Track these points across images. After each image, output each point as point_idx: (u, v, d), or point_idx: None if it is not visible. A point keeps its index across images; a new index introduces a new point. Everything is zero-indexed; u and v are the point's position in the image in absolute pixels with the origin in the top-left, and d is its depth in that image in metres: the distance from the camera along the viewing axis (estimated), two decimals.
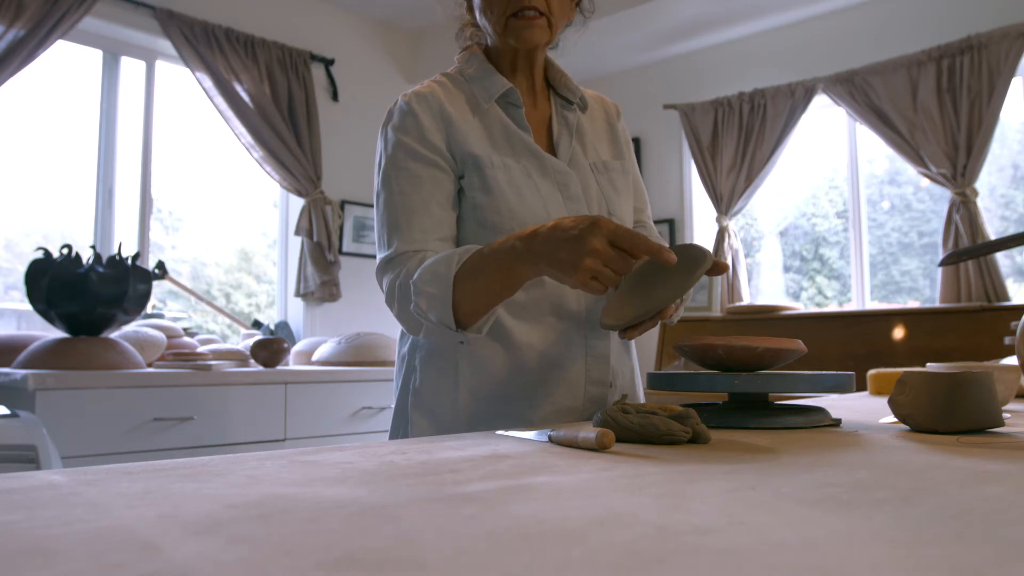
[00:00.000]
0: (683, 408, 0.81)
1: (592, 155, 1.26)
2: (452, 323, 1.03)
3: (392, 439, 1.20)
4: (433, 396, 1.17)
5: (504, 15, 1.16)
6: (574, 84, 1.30)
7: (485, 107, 1.20)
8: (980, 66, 3.26)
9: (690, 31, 3.95)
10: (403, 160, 1.16)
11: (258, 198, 4.07)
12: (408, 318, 1.09)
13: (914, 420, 0.90)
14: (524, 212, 1.15)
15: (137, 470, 0.61)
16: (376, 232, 1.17)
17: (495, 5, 1.17)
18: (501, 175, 1.16)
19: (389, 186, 1.15)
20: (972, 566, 0.35)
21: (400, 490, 0.53)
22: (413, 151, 1.16)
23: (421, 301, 1.04)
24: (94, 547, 0.38)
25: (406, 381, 1.21)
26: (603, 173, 1.25)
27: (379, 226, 1.16)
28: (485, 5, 1.18)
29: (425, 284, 1.03)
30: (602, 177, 1.25)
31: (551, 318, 1.16)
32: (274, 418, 2.69)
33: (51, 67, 3.24)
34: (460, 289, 1.01)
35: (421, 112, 1.17)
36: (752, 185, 3.92)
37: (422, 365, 1.19)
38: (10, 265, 3.31)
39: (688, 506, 0.48)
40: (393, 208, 1.14)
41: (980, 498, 0.51)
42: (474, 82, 1.22)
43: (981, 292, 3.23)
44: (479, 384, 1.15)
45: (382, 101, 4.13)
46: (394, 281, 1.09)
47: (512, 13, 1.15)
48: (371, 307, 3.98)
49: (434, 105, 1.18)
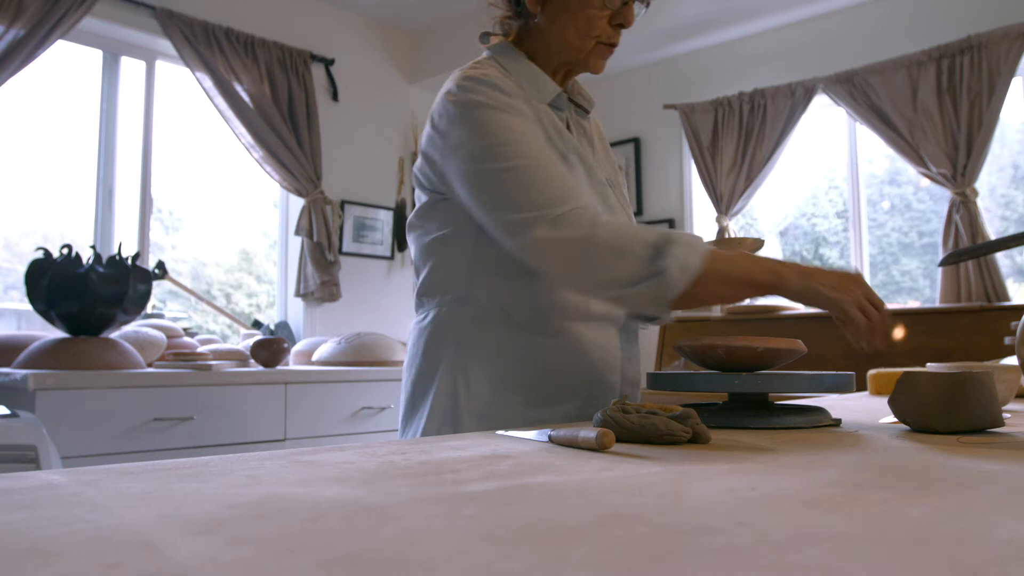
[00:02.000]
0: (683, 408, 0.81)
1: (604, 169, 1.26)
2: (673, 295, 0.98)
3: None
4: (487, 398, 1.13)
5: (597, 39, 1.15)
6: (588, 93, 1.29)
7: (538, 106, 1.16)
8: (980, 66, 3.26)
9: (690, 31, 3.95)
10: (524, 125, 1.08)
11: (258, 198, 4.07)
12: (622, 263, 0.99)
13: (914, 420, 0.90)
14: None
15: (137, 470, 0.61)
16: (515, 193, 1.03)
17: (595, 29, 1.14)
18: (579, 175, 1.14)
19: (518, 148, 1.05)
20: (972, 566, 0.35)
21: (400, 490, 0.53)
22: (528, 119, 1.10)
23: (676, 249, 0.97)
24: (94, 547, 0.38)
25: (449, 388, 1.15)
26: (616, 188, 1.26)
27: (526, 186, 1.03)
28: (585, 23, 1.14)
29: (681, 240, 0.99)
30: (616, 191, 1.25)
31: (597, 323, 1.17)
32: (274, 418, 2.69)
33: (51, 67, 3.24)
34: (712, 262, 0.98)
35: (508, 88, 1.11)
36: (752, 185, 3.92)
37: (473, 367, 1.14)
38: (10, 265, 3.31)
39: (688, 506, 0.48)
40: (542, 169, 1.04)
41: (980, 498, 0.51)
42: (521, 77, 1.17)
43: (981, 292, 3.23)
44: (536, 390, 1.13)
45: (382, 101, 4.14)
46: (592, 228, 1.00)
47: (606, 41, 1.16)
48: (371, 307, 3.98)
49: (515, 88, 1.13)
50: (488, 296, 1.15)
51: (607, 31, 1.16)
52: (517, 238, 1.03)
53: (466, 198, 1.10)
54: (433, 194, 1.18)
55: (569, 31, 1.16)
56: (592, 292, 1.06)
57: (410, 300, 4.17)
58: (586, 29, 1.15)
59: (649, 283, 0.98)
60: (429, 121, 1.16)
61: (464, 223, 1.14)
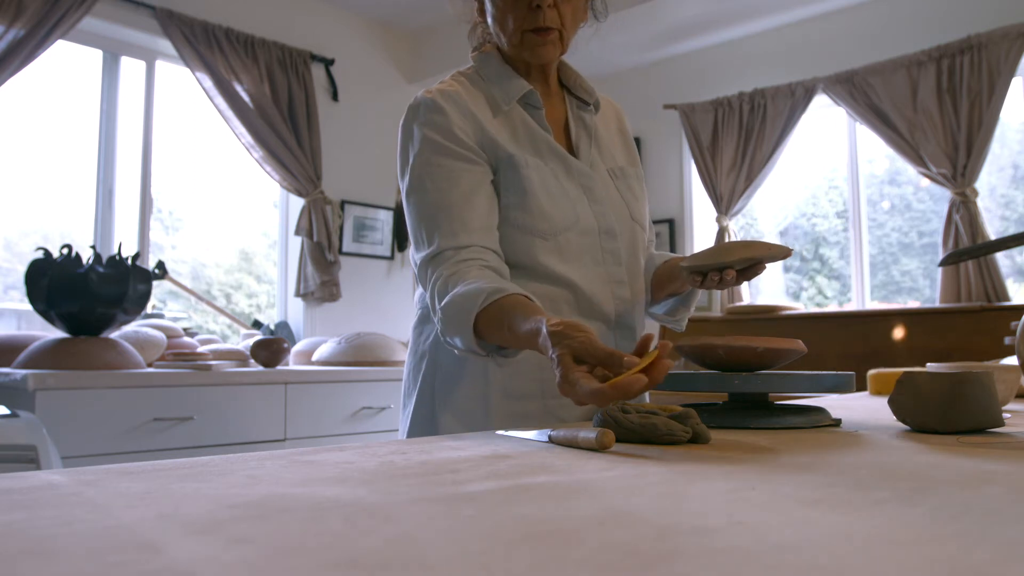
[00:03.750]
0: (683, 408, 0.81)
1: (608, 160, 1.26)
2: (477, 350, 1.01)
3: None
4: (464, 397, 1.15)
5: (519, 30, 1.15)
6: (589, 85, 1.29)
7: (506, 108, 1.18)
8: (980, 66, 3.26)
9: (690, 31, 3.95)
10: (436, 157, 1.13)
11: (258, 198, 4.07)
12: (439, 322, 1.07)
13: (914, 420, 0.90)
14: (555, 214, 1.14)
15: (137, 470, 0.61)
16: (412, 232, 1.13)
17: (510, 19, 1.15)
18: (535, 175, 1.15)
19: (423, 184, 1.12)
20: (972, 566, 0.35)
21: (400, 490, 0.53)
22: (445, 148, 1.13)
23: (448, 328, 1.02)
24: (94, 547, 0.38)
25: (429, 381, 1.19)
26: (621, 179, 1.25)
27: (414, 225, 1.12)
28: (500, 17, 1.16)
29: (450, 314, 1.02)
30: (620, 182, 1.25)
31: (583, 319, 1.16)
32: (274, 418, 2.69)
33: (51, 67, 3.24)
34: (482, 325, 0.98)
35: (450, 109, 1.14)
36: (752, 185, 3.92)
37: (450, 365, 1.17)
38: (10, 265, 3.31)
39: (688, 506, 0.48)
40: (429, 206, 1.11)
41: (980, 498, 0.51)
42: (492, 83, 1.20)
43: (981, 292, 3.23)
44: (512, 383, 1.14)
45: (382, 101, 4.14)
46: (437, 281, 1.07)
47: (528, 28, 1.15)
48: (371, 307, 3.98)
49: (460, 103, 1.16)
50: None
51: (526, 17, 1.14)
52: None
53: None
54: None
55: (497, 28, 1.19)
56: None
57: (410, 300, 4.18)
58: (503, 21, 1.17)
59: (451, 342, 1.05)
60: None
61: None
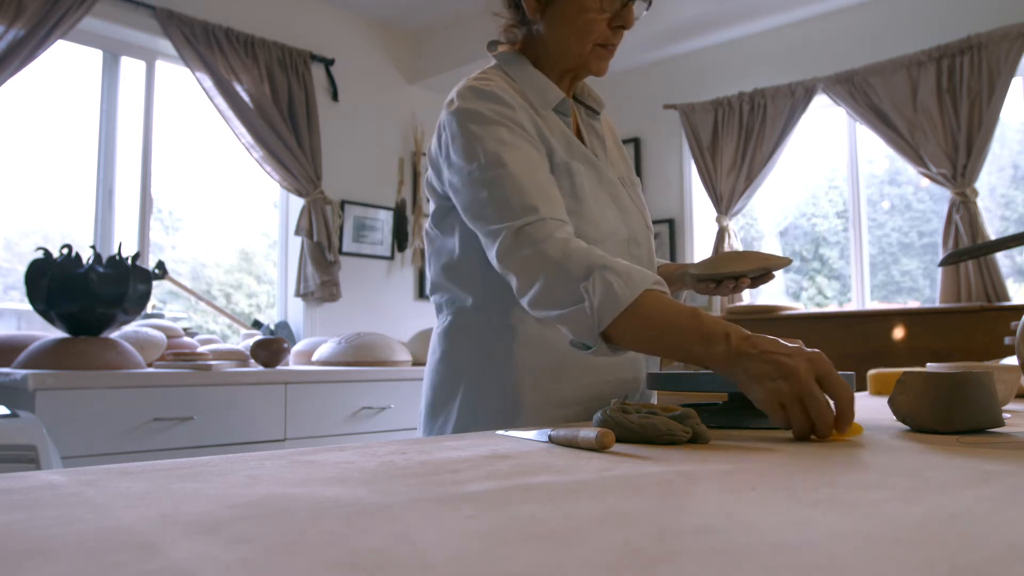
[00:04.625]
0: (683, 408, 0.81)
1: (616, 169, 1.27)
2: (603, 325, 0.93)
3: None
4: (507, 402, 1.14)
5: (594, 42, 1.16)
6: (597, 94, 1.30)
7: (544, 114, 1.17)
8: (980, 66, 3.26)
9: (690, 31, 3.95)
10: (512, 137, 1.08)
11: (258, 198, 4.07)
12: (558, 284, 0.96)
13: (914, 420, 0.90)
14: (603, 222, 1.15)
15: (137, 470, 0.61)
16: (489, 204, 1.04)
17: (594, 32, 1.15)
18: (586, 183, 1.14)
19: (500, 159, 1.05)
20: (972, 566, 0.35)
21: (400, 490, 0.53)
22: (516, 131, 1.09)
23: (608, 276, 0.93)
24: (94, 547, 0.38)
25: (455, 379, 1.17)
26: (631, 187, 1.27)
27: (498, 197, 1.03)
28: (583, 27, 1.15)
29: (617, 272, 0.93)
30: (631, 191, 1.26)
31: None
32: (274, 418, 2.69)
33: (51, 67, 3.24)
34: (639, 304, 0.92)
35: (510, 100, 1.12)
36: (752, 185, 3.92)
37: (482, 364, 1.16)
38: (10, 265, 3.31)
39: (688, 506, 0.48)
40: (517, 179, 1.04)
41: (980, 498, 0.51)
42: (525, 86, 1.18)
43: (981, 292, 3.23)
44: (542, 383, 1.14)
45: (382, 101, 4.14)
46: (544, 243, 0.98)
47: (603, 43, 1.16)
48: (371, 307, 3.98)
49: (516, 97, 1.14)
50: (503, 303, 1.15)
51: (605, 34, 1.16)
52: (488, 250, 1.06)
53: (457, 204, 1.12)
54: (444, 200, 1.19)
55: (568, 36, 1.16)
56: (535, 310, 1.00)
57: (410, 300, 4.18)
58: (584, 33, 1.16)
59: (576, 308, 0.94)
60: (437, 128, 1.18)
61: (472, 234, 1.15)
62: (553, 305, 0.97)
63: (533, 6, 1.17)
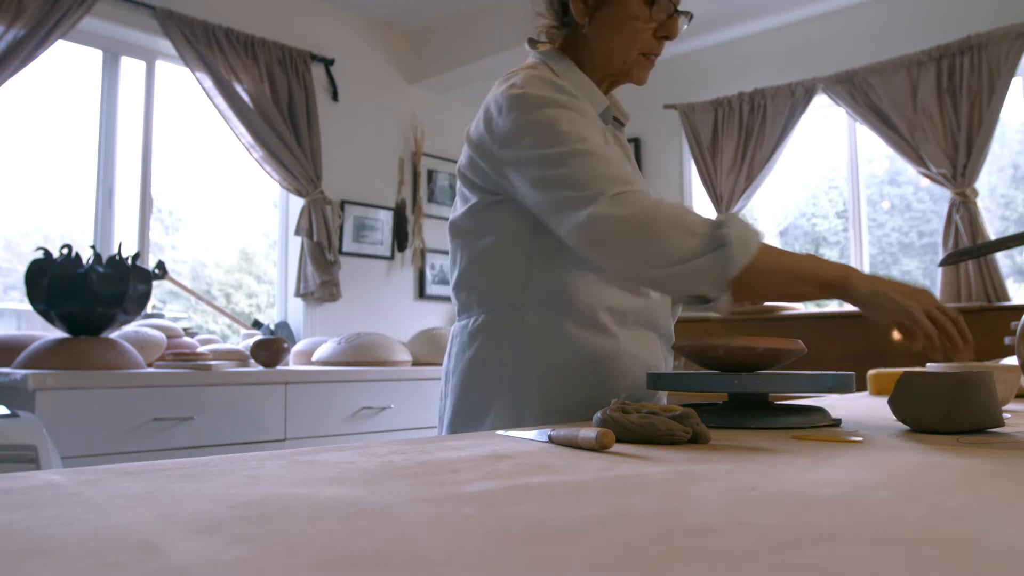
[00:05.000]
0: (683, 408, 0.81)
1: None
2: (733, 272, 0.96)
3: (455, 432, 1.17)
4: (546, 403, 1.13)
5: (639, 51, 1.18)
6: (623, 107, 1.30)
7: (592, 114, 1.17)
8: (980, 66, 3.26)
9: (690, 31, 3.95)
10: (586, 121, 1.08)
11: (258, 198, 4.07)
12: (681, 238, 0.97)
13: (914, 420, 0.90)
14: None
15: (137, 470, 0.61)
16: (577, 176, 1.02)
17: (640, 40, 1.17)
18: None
19: (583, 136, 1.05)
20: (972, 566, 0.35)
21: (400, 490, 0.53)
22: (590, 122, 1.09)
23: (737, 224, 0.97)
24: (94, 547, 0.38)
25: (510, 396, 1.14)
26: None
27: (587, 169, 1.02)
28: (630, 34, 1.16)
29: (739, 219, 0.98)
30: None
31: (645, 330, 1.19)
32: (274, 418, 2.69)
33: (51, 67, 3.24)
34: (765, 249, 0.98)
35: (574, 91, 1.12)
36: (752, 185, 3.92)
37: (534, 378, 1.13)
38: (10, 265, 3.31)
39: (688, 506, 0.48)
40: (604, 156, 1.04)
41: (980, 498, 0.51)
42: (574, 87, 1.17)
43: (981, 292, 3.23)
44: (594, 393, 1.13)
45: (382, 101, 4.14)
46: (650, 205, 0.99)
47: (646, 52, 1.18)
48: (371, 307, 3.98)
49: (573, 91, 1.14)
50: (542, 303, 1.14)
51: (651, 43, 1.18)
52: (573, 216, 1.01)
53: (520, 185, 1.08)
54: (485, 194, 1.16)
55: (615, 42, 1.17)
56: (648, 270, 0.99)
57: (410, 300, 4.18)
58: (632, 41, 1.17)
59: (710, 257, 0.96)
60: (483, 116, 1.14)
61: (519, 228, 1.14)
62: (672, 261, 0.97)
63: (582, 9, 1.17)
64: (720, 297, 0.98)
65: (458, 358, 1.21)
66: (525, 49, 1.28)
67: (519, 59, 1.27)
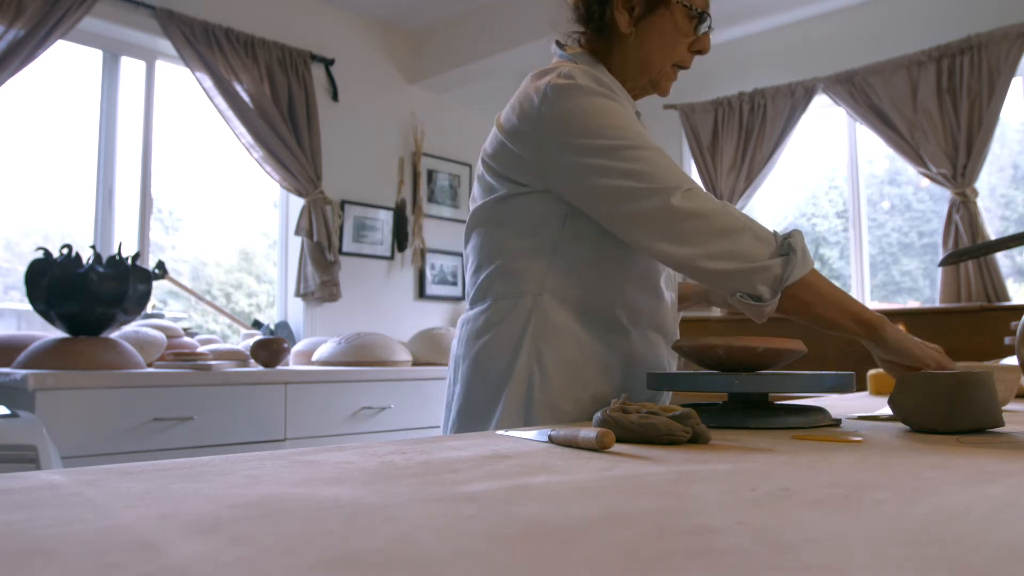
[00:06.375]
0: (683, 408, 0.81)
1: None
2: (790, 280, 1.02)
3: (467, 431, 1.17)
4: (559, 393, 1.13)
5: (673, 62, 1.21)
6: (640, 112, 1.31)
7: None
8: (980, 66, 3.26)
9: None
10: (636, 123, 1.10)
11: (258, 198, 4.07)
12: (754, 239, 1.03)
13: (914, 420, 0.90)
14: None
15: (137, 470, 0.61)
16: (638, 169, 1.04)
17: (676, 53, 1.20)
18: None
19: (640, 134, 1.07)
20: (972, 566, 0.35)
21: (400, 490, 0.53)
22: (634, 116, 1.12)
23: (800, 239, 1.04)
24: (94, 547, 0.38)
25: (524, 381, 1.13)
26: None
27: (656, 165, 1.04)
28: (670, 46, 1.19)
29: (802, 239, 1.05)
30: None
31: (653, 332, 1.21)
32: (274, 418, 2.69)
33: (51, 67, 3.24)
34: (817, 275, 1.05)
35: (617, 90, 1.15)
36: (752, 185, 3.92)
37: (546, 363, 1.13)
38: (10, 265, 3.31)
39: (688, 506, 0.48)
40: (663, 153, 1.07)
41: (980, 498, 0.51)
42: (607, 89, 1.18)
43: (981, 292, 3.23)
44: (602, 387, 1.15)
45: (382, 101, 4.14)
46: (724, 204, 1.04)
47: (679, 64, 1.21)
48: (371, 307, 3.98)
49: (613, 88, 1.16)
50: (562, 293, 1.15)
51: (685, 56, 1.21)
52: (643, 203, 1.03)
53: (571, 170, 1.08)
54: (514, 185, 1.15)
55: (655, 52, 1.19)
56: (714, 263, 1.02)
57: (410, 300, 4.18)
58: (671, 52, 1.20)
59: (775, 261, 1.02)
60: (521, 104, 1.13)
61: (547, 218, 1.13)
62: (742, 258, 1.02)
63: (627, 19, 1.18)
64: (770, 301, 1.03)
65: (470, 344, 1.19)
66: (525, 49, 1.29)
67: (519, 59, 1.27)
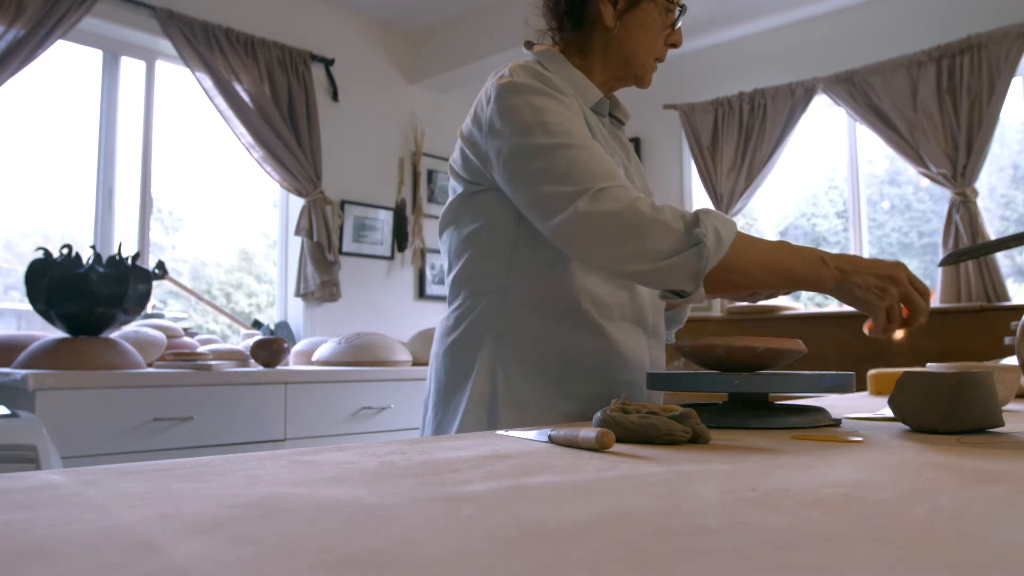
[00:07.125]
0: (683, 408, 0.81)
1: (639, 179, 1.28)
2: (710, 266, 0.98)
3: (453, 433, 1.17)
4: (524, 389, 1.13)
5: (653, 57, 1.24)
6: (624, 107, 1.32)
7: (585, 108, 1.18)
8: (980, 66, 3.26)
9: (690, 31, 3.95)
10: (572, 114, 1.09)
11: (258, 198, 4.07)
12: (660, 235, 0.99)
13: (914, 420, 0.90)
14: None
15: (137, 470, 0.61)
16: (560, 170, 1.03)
17: (654, 49, 1.23)
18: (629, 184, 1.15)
19: (568, 130, 1.06)
20: (972, 566, 0.35)
21: (400, 490, 0.53)
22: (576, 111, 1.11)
23: (711, 219, 0.98)
24: (94, 547, 0.38)
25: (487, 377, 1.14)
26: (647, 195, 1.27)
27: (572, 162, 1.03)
28: (653, 40, 1.22)
29: (714, 214, 1.00)
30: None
31: (630, 324, 1.20)
32: (274, 418, 2.69)
33: (51, 67, 3.24)
34: (738, 244, 0.99)
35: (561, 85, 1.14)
36: (752, 185, 3.92)
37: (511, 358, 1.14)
38: (10, 265, 3.31)
39: (688, 506, 0.48)
40: (590, 149, 1.05)
41: (980, 498, 0.51)
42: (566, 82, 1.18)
43: (981, 292, 3.23)
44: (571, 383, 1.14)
45: (382, 101, 4.14)
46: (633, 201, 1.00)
47: (658, 57, 1.25)
48: (371, 307, 3.98)
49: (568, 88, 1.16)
50: (526, 289, 1.15)
51: (662, 49, 1.25)
52: (557, 212, 1.02)
53: (503, 175, 1.09)
54: (470, 184, 1.18)
55: (640, 45, 1.22)
56: (630, 265, 1.01)
57: (410, 300, 4.18)
58: (654, 44, 1.23)
59: (686, 254, 0.98)
60: (473, 108, 1.17)
61: (502, 214, 1.15)
62: (652, 258, 0.99)
63: (612, 13, 1.20)
64: (695, 292, 1.01)
65: (441, 342, 1.22)
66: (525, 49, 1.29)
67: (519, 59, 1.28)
